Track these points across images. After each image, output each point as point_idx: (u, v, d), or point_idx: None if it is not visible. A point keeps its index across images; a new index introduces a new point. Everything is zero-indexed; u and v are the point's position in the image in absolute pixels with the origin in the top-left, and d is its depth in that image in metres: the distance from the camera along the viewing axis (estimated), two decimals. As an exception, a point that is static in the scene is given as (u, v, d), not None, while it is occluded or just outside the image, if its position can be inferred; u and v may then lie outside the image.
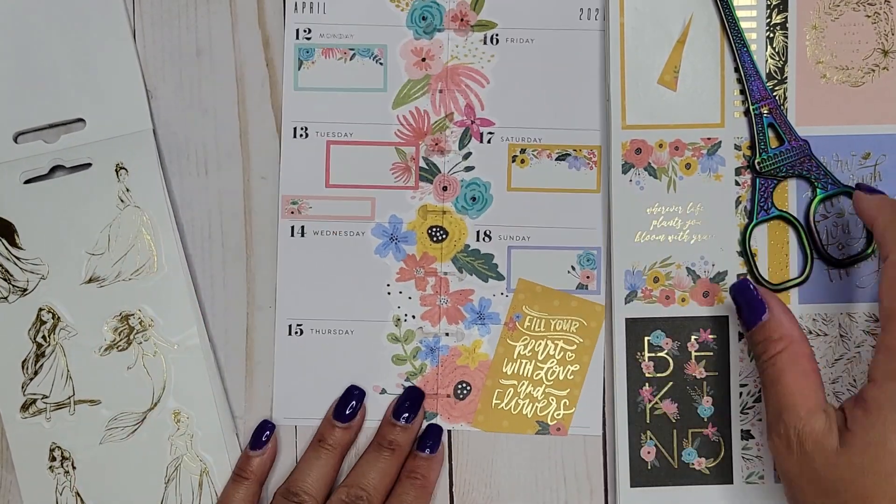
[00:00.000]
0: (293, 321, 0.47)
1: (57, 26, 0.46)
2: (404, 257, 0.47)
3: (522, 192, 0.47)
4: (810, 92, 0.46)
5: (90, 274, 0.46)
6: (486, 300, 0.47)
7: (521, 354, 0.47)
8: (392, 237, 0.47)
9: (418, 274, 0.47)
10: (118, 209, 0.46)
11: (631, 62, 0.46)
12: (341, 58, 0.47)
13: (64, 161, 0.46)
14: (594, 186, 0.47)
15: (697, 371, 0.46)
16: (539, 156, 0.47)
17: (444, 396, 0.47)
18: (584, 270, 0.47)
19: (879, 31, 0.46)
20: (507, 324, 0.47)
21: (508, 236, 0.47)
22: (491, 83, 0.47)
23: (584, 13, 0.47)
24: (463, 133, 0.47)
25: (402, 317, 0.47)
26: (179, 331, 0.46)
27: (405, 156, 0.47)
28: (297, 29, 0.47)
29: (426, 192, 0.47)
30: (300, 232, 0.47)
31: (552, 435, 0.46)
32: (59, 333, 0.46)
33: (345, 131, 0.47)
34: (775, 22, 0.46)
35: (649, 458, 0.46)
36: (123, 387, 0.46)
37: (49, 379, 0.46)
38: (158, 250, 0.46)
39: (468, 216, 0.47)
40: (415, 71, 0.47)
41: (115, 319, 0.46)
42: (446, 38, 0.47)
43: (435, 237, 0.47)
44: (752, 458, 0.46)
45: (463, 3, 0.47)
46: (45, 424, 0.46)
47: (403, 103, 0.47)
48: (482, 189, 0.47)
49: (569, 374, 0.47)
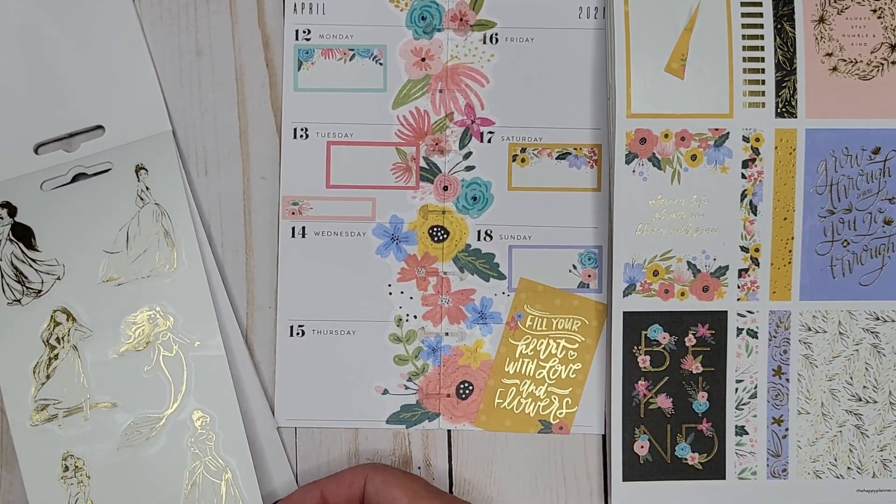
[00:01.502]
0: (294, 322, 0.46)
1: (70, 36, 0.46)
2: (405, 257, 0.47)
3: (523, 192, 0.47)
4: (820, 84, 0.46)
5: (108, 273, 0.45)
6: (487, 300, 0.47)
7: (523, 354, 0.47)
8: (393, 237, 0.47)
9: (420, 274, 0.47)
10: (137, 206, 0.46)
11: (637, 49, 0.45)
12: (341, 58, 0.47)
13: (86, 169, 0.46)
14: (595, 185, 0.47)
15: (694, 366, 0.46)
16: (539, 155, 0.47)
17: (446, 396, 0.46)
18: (585, 269, 0.47)
19: (886, 26, 0.46)
20: (509, 323, 0.47)
21: (509, 235, 0.47)
22: (491, 83, 0.47)
23: (584, 12, 0.47)
24: (463, 133, 0.47)
25: (404, 317, 0.47)
26: (200, 328, 0.45)
27: (405, 156, 0.47)
28: (297, 30, 0.47)
29: (427, 192, 0.47)
30: (301, 233, 0.47)
31: (555, 434, 0.46)
32: (74, 335, 0.45)
33: (345, 132, 0.47)
34: (782, 13, 0.46)
35: (642, 452, 0.46)
36: (142, 388, 0.44)
37: (62, 383, 0.44)
38: (178, 247, 0.45)
39: (469, 216, 0.47)
40: (414, 71, 0.47)
41: (132, 318, 0.45)
42: (446, 38, 0.47)
43: (436, 237, 0.47)
44: (746, 454, 0.46)
45: (462, 3, 0.47)
46: (58, 431, 0.44)
47: (403, 103, 0.47)
48: (483, 188, 0.47)
49: (571, 373, 0.47)
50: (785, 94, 0.46)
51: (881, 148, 0.46)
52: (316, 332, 0.46)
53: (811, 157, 0.46)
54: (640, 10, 0.45)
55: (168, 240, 0.45)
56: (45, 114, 0.46)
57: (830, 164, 0.46)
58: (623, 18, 0.45)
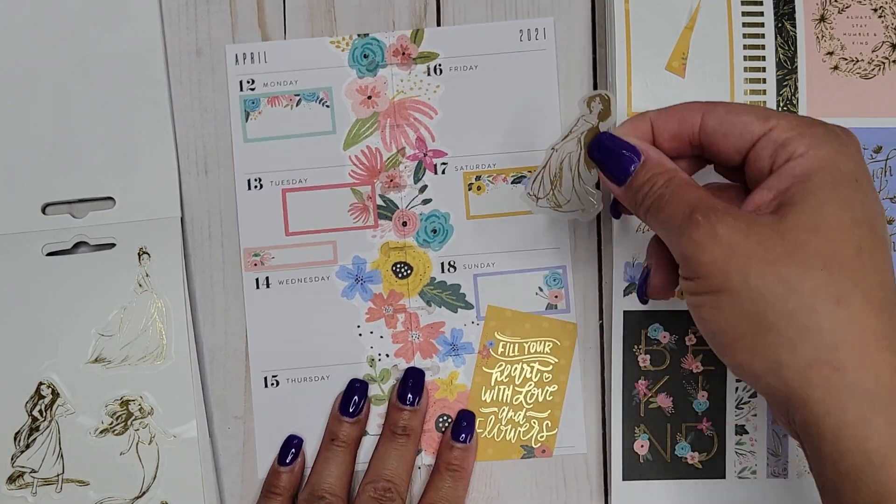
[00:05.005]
0: (268, 373, 0.47)
1: (98, 103, 0.46)
2: (372, 297, 0.47)
3: (482, 219, 0.47)
4: (821, 83, 0.46)
5: (97, 354, 0.46)
6: (457, 330, 0.47)
7: (498, 381, 0.47)
8: (357, 278, 0.47)
9: (387, 312, 0.47)
10: (135, 293, 0.46)
11: (637, 47, 0.45)
12: (287, 104, 0.47)
13: (88, 238, 0.46)
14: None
15: (694, 365, 0.46)
16: (495, 181, 0.47)
17: (427, 432, 0.46)
18: (552, 290, 0.47)
19: (887, 25, 0.46)
20: (481, 352, 0.47)
21: (473, 264, 0.47)
22: (439, 114, 0.47)
23: (525, 34, 0.47)
24: (417, 166, 0.47)
25: (376, 356, 0.47)
26: (179, 423, 0.46)
27: (361, 195, 0.47)
28: (241, 81, 0.47)
29: (386, 230, 0.47)
30: (265, 283, 0.47)
31: (538, 457, 0.46)
32: (57, 410, 0.45)
33: (299, 178, 0.47)
34: (782, 12, 0.46)
35: (642, 451, 0.46)
36: (114, 471, 0.45)
37: (40, 454, 0.45)
38: (169, 339, 0.46)
39: (431, 249, 0.47)
40: (362, 110, 0.47)
41: (115, 403, 0.46)
42: (390, 74, 0.47)
43: (400, 273, 0.47)
44: (746, 453, 0.46)
45: (403, 37, 0.47)
46: (30, 499, 0.45)
47: (354, 143, 0.47)
48: (442, 220, 0.47)
49: (548, 396, 0.47)
50: (786, 93, 0.46)
51: (882, 147, 0.46)
52: (290, 380, 0.47)
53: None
54: (641, 8, 0.45)
55: (161, 331, 0.46)
56: (59, 175, 0.46)
57: None
58: (623, 16, 0.45)
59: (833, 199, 0.33)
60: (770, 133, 0.35)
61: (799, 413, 0.33)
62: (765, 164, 0.35)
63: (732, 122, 0.36)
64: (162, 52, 0.47)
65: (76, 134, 0.46)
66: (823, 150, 0.34)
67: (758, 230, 0.33)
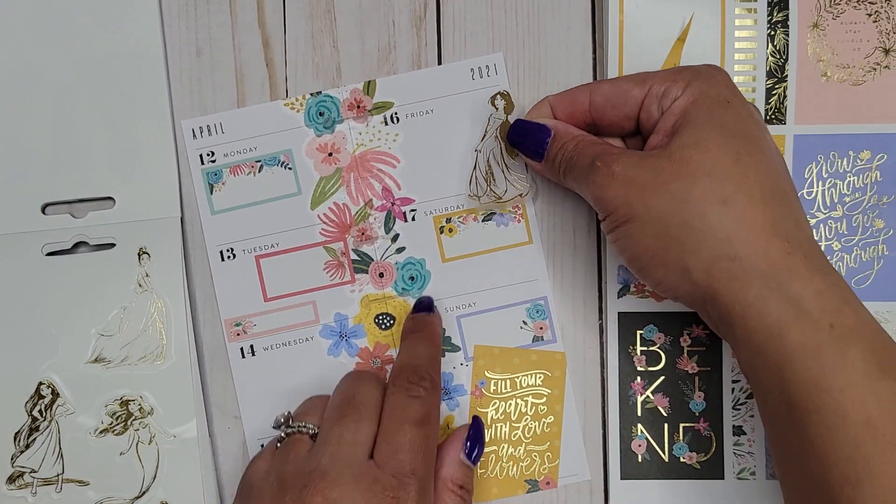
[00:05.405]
0: (262, 439, 0.47)
1: (98, 103, 0.47)
2: (357, 352, 0.47)
3: (458, 261, 0.47)
4: (810, 90, 0.46)
5: (97, 354, 0.46)
6: (447, 374, 0.47)
7: (494, 419, 0.47)
8: (341, 335, 0.47)
9: (375, 364, 0.47)
10: (135, 293, 0.46)
11: (630, 58, 0.46)
12: (249, 172, 0.47)
13: (88, 238, 0.46)
14: (526, 238, 0.47)
15: (690, 366, 0.46)
16: (465, 221, 0.47)
17: (429, 478, 0.46)
18: (536, 322, 0.47)
19: (881, 30, 0.46)
20: (474, 392, 0.47)
21: (454, 306, 0.47)
22: (402, 161, 0.47)
23: (476, 72, 0.47)
24: (386, 216, 0.47)
25: (370, 410, 0.47)
26: (179, 422, 0.46)
27: (335, 252, 0.47)
28: (201, 154, 0.47)
29: (364, 283, 0.47)
30: (250, 351, 0.47)
31: (542, 490, 0.46)
32: (57, 410, 0.45)
33: (270, 242, 0.47)
34: (776, 20, 0.46)
35: (640, 451, 0.46)
36: (114, 471, 0.45)
37: (40, 454, 0.45)
38: (169, 339, 0.46)
39: (410, 296, 0.47)
40: (324, 167, 0.47)
41: (115, 403, 0.46)
42: (348, 129, 0.47)
43: (383, 325, 0.47)
44: (744, 454, 0.46)
45: (356, 91, 0.47)
46: (30, 499, 0.45)
47: (321, 201, 0.47)
48: (418, 267, 0.47)
49: (545, 428, 0.47)
50: (774, 102, 0.46)
51: (871, 152, 0.46)
52: (287, 445, 0.46)
53: (798, 161, 0.46)
54: (635, 20, 0.46)
55: (161, 332, 0.46)
56: (59, 175, 0.46)
57: (818, 169, 0.46)
58: (617, 28, 0.46)
59: (708, 120, 0.38)
60: (650, 91, 0.40)
61: (714, 308, 0.37)
62: (654, 117, 0.40)
63: (616, 93, 0.41)
64: (162, 52, 0.47)
65: (76, 134, 0.47)
66: (695, 86, 0.39)
67: (649, 161, 0.38)
